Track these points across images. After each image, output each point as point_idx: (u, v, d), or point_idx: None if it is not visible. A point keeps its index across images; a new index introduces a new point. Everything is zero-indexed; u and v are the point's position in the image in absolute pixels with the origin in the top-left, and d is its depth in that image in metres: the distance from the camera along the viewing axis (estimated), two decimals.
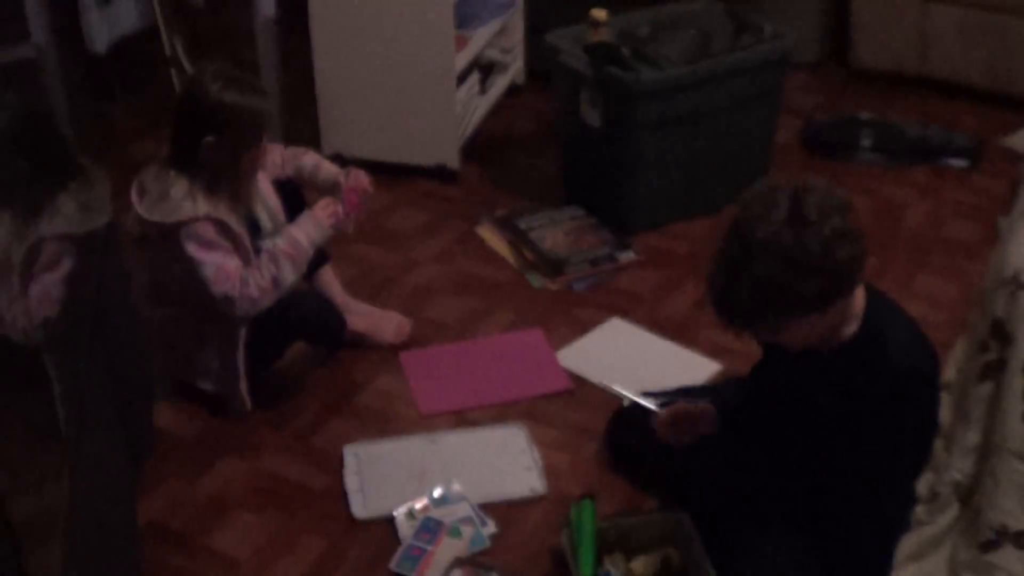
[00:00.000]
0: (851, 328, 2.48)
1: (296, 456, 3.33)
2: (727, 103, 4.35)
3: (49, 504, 2.42)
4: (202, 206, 3.13)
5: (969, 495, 2.87)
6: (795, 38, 4.51)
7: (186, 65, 5.04)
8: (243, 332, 3.32)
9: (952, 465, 2.85)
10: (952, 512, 2.88)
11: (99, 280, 2.80)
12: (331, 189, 3.53)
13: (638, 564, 2.81)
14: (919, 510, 2.86)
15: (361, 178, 3.51)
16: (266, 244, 3.30)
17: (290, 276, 3.27)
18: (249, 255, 3.24)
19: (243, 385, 3.40)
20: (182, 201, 3.12)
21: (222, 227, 3.17)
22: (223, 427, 3.43)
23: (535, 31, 5.17)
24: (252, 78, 3.27)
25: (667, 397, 3.26)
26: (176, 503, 3.16)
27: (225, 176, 3.20)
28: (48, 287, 2.95)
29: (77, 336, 2.75)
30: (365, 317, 3.78)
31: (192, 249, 3.14)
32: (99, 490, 2.61)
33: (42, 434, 2.86)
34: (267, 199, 3.44)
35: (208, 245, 3.15)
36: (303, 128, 4.82)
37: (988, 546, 2.74)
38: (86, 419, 2.54)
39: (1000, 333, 2.72)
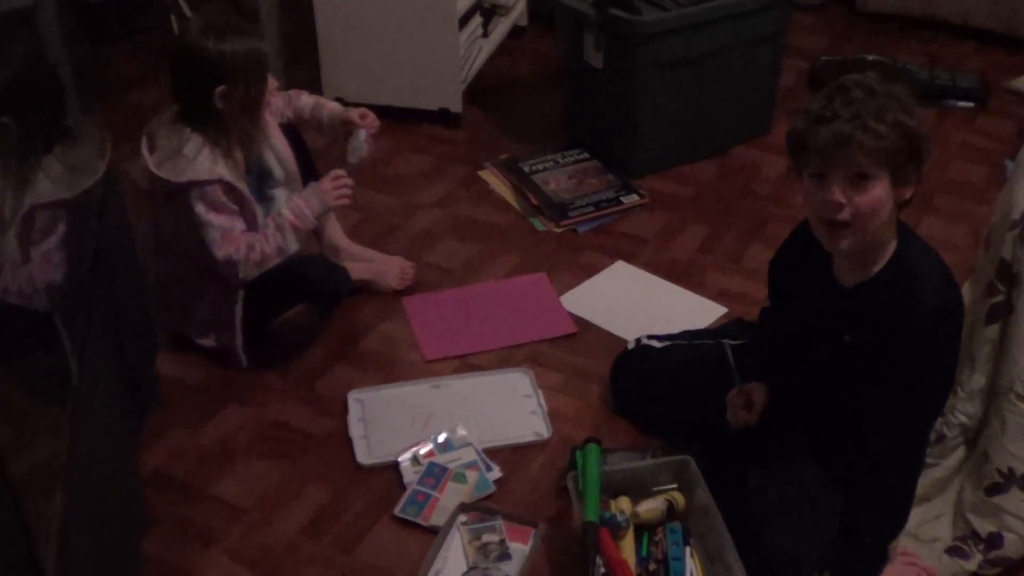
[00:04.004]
0: (880, 263, 2.49)
1: (300, 403, 3.32)
2: (732, 44, 4.32)
3: (50, 456, 2.41)
4: (215, 167, 3.12)
5: (975, 438, 2.86)
6: None
7: (185, 9, 5.01)
8: (241, 294, 3.31)
9: (958, 408, 2.84)
10: (958, 455, 2.87)
11: (99, 235, 2.77)
12: (337, 126, 3.53)
13: (643, 507, 2.80)
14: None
15: (372, 122, 3.52)
16: (285, 198, 3.33)
17: (294, 246, 3.28)
18: (255, 219, 3.23)
19: (239, 341, 3.38)
20: (194, 160, 3.11)
21: (231, 190, 3.16)
22: (226, 375, 3.42)
23: None
24: (239, 21, 3.24)
25: (671, 340, 3.25)
26: (180, 452, 3.16)
27: (238, 123, 3.19)
28: (48, 253, 2.93)
29: (79, 291, 2.73)
30: (368, 263, 3.76)
31: (200, 210, 3.12)
32: (100, 441, 2.60)
33: (52, 389, 2.85)
34: (278, 147, 3.42)
35: (217, 207, 3.14)
36: (304, 73, 4.78)
37: (994, 489, 2.73)
38: (88, 371, 2.53)
39: (1007, 275, 2.70)
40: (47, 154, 2.91)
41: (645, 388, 3.20)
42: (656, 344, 3.24)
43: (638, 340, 3.28)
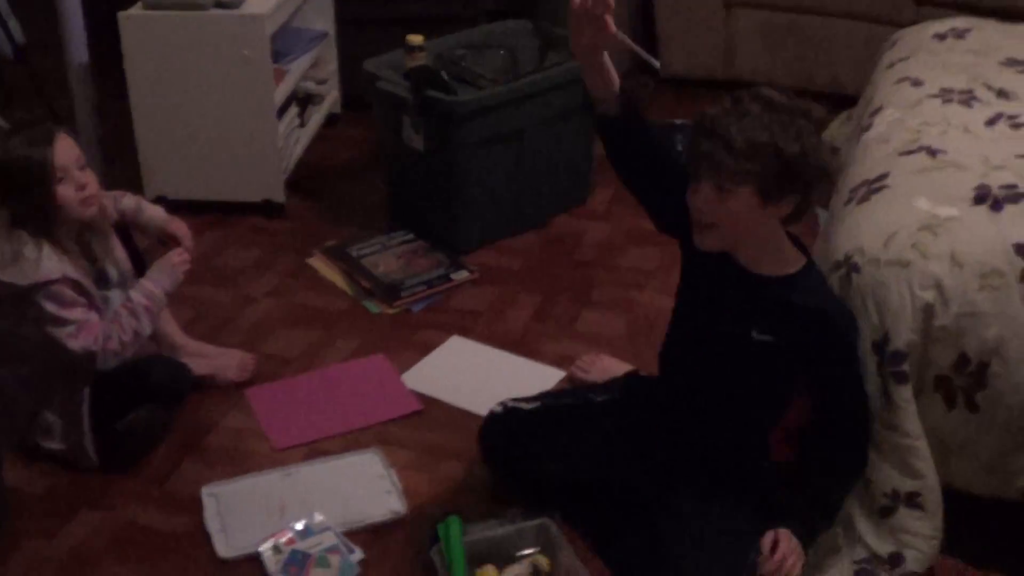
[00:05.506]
0: (791, 268, 2.72)
1: (153, 503, 3.29)
2: (546, 118, 4.44)
3: None
4: (58, 266, 3.11)
5: None
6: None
7: None
8: (87, 392, 3.29)
9: None
10: None
11: None
12: (156, 233, 3.53)
13: (509, 574, 2.85)
14: None
15: (187, 240, 3.52)
16: (120, 298, 3.32)
17: (149, 328, 3.30)
18: (101, 311, 3.23)
19: (89, 441, 3.34)
20: (38, 261, 3.09)
21: (77, 286, 3.15)
22: (75, 480, 3.36)
23: (348, 60, 5.21)
24: (40, 126, 3.23)
25: (538, 400, 3.30)
26: (36, 562, 3.08)
27: (50, 224, 3.16)
28: None
29: None
30: (207, 358, 3.75)
31: (52, 308, 3.11)
32: None
33: None
34: (113, 247, 3.41)
35: (68, 303, 3.13)
36: (125, 172, 4.75)
37: (885, 512, 2.86)
38: None
39: None
40: None
41: (519, 449, 3.19)
42: (524, 406, 3.25)
43: (504, 404, 3.27)
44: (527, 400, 3.27)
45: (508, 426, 3.23)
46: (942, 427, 2.85)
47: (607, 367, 3.66)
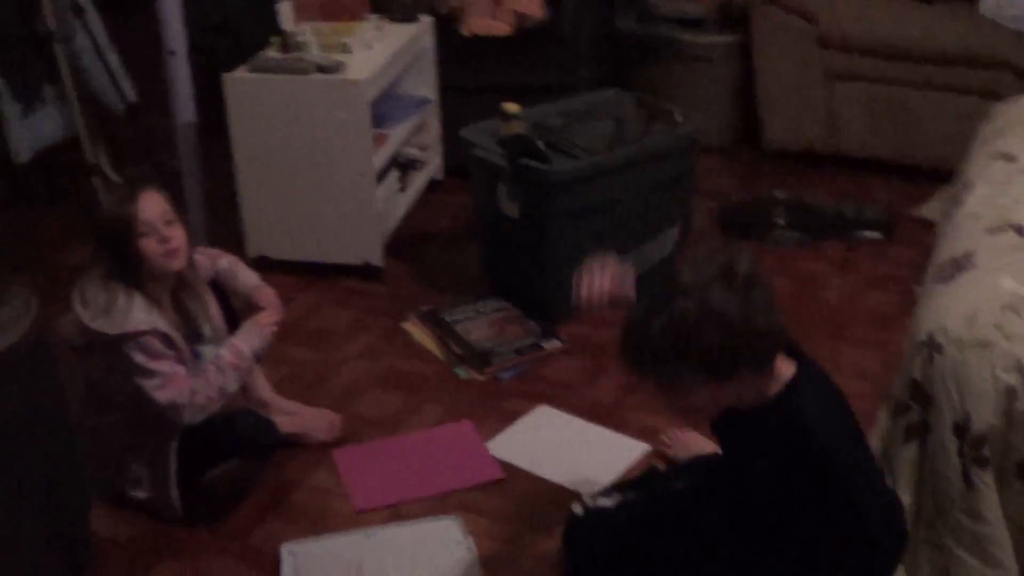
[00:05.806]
0: (773, 390, 2.53)
1: (233, 557, 3.31)
2: (642, 189, 4.43)
3: None
4: (149, 317, 3.17)
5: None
6: (707, 123, 4.61)
7: (108, 172, 5.07)
8: (174, 444, 3.33)
9: None
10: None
11: (26, 395, 2.79)
12: (245, 299, 3.59)
13: None
14: None
15: (274, 310, 3.56)
16: (212, 354, 3.37)
17: (235, 385, 3.35)
18: (189, 365, 3.28)
19: (174, 493, 3.39)
20: (128, 312, 3.15)
21: (166, 339, 3.21)
22: (159, 530, 3.41)
23: (451, 127, 5.26)
24: (132, 183, 3.31)
25: (619, 492, 3.19)
26: None
27: (138, 276, 3.23)
28: None
29: (4, 450, 2.74)
30: (296, 417, 3.80)
31: (140, 359, 3.16)
32: None
33: None
34: (207, 304, 3.48)
35: (156, 355, 3.18)
36: (227, 231, 4.85)
37: None
38: (19, 531, 2.52)
39: (920, 395, 2.79)
40: None
41: (603, 556, 3.04)
42: (605, 503, 3.12)
43: (583, 504, 3.13)
44: (606, 494, 3.15)
45: (591, 531, 3.10)
46: (1022, 515, 2.78)
47: (693, 444, 3.62)
